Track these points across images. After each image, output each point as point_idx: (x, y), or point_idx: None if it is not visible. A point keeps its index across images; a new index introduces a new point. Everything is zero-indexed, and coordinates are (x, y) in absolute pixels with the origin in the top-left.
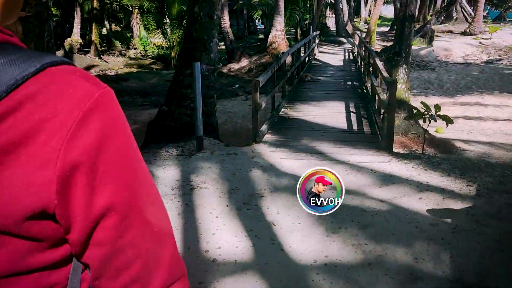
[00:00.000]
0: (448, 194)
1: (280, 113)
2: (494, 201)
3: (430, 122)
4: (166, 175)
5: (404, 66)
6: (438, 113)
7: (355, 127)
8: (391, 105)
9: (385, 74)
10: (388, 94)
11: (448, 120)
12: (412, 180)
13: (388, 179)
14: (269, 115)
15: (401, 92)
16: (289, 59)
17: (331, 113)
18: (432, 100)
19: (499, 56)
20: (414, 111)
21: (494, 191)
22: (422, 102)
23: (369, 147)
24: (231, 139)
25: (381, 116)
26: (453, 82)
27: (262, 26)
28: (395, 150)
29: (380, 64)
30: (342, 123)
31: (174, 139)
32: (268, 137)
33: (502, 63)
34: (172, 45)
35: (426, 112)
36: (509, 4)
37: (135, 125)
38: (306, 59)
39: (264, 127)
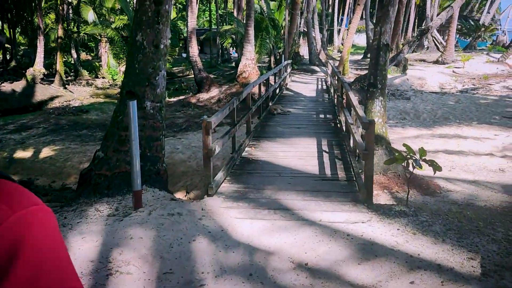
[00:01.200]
0: (447, 275)
1: (243, 153)
2: (507, 284)
3: (414, 169)
4: (82, 251)
5: (380, 98)
6: (423, 158)
7: (328, 171)
8: (368, 150)
9: (361, 112)
10: (365, 136)
11: (436, 168)
12: (399, 251)
13: (369, 250)
14: (229, 158)
15: (378, 126)
16: (262, 89)
17: (301, 152)
18: (409, 132)
19: (473, 85)
20: (396, 153)
21: (503, 268)
22: (404, 145)
23: (345, 199)
24: (193, 177)
25: (357, 157)
26: (429, 112)
27: (236, 54)
28: (374, 193)
29: (354, 100)
30: (313, 166)
31: (110, 192)
32: (225, 186)
33: (477, 92)
34: None
35: (409, 156)
36: (478, 33)
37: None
38: (277, 89)
39: (219, 176)
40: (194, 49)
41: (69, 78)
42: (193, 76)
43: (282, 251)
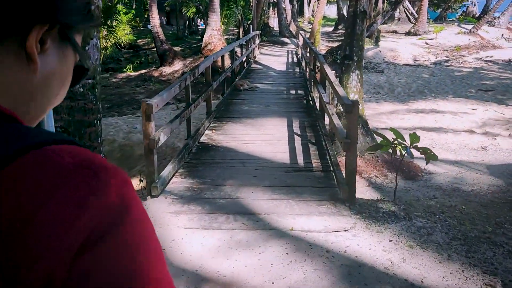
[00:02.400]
0: None
1: (202, 138)
2: None
3: (403, 157)
4: None
5: (357, 71)
6: (414, 144)
7: (300, 159)
8: (351, 139)
9: (341, 90)
10: (347, 122)
11: (430, 157)
12: (395, 277)
13: (356, 276)
14: (182, 146)
15: None
16: (227, 63)
17: (269, 136)
18: (384, 107)
19: (447, 57)
20: (381, 139)
21: None
22: (391, 129)
23: (322, 197)
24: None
25: (332, 142)
26: (404, 86)
27: (204, 26)
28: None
29: (331, 75)
30: (283, 153)
31: None
32: (175, 182)
33: (451, 65)
34: None
35: (396, 142)
36: (449, 4)
37: None
38: (245, 62)
39: (168, 170)
40: (155, 18)
41: None
42: (154, 49)
43: (241, 281)
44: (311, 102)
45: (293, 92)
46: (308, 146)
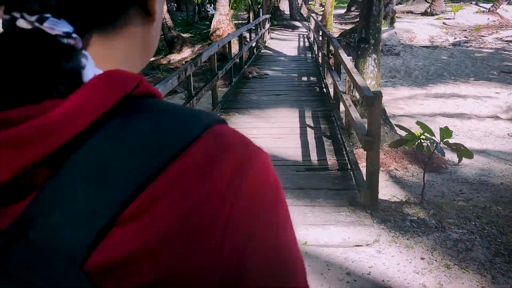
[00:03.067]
0: None
1: None
2: None
3: (431, 155)
4: None
5: (374, 56)
6: (445, 140)
7: (314, 156)
8: (373, 137)
9: (360, 80)
10: (368, 116)
11: (465, 154)
12: None
13: None
14: None
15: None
16: (235, 48)
17: (280, 129)
18: (401, 92)
19: (465, 37)
20: (406, 133)
21: None
22: (418, 122)
23: (339, 202)
24: None
25: (349, 134)
26: (421, 69)
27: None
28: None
29: (347, 61)
30: (295, 149)
31: None
32: None
33: (470, 45)
34: None
35: (424, 137)
36: None
37: None
38: (254, 48)
39: None
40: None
41: None
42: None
43: None
44: (324, 89)
45: (305, 79)
46: (322, 140)
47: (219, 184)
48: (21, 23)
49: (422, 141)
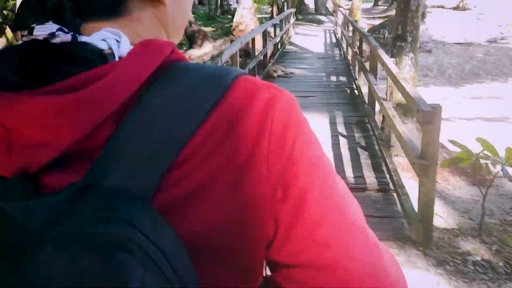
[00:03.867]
0: None
1: None
2: None
3: (494, 178)
4: None
5: (411, 54)
6: None
7: (349, 171)
8: (429, 159)
9: (411, 89)
10: (423, 135)
11: None
12: None
13: None
14: None
15: None
16: (258, 44)
17: None
18: (434, 92)
19: (501, 33)
20: (461, 150)
21: None
22: (479, 139)
23: (382, 234)
24: None
25: (389, 148)
26: (455, 67)
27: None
28: (405, 184)
29: (390, 64)
30: None
31: None
32: None
33: (507, 42)
34: None
35: (483, 156)
36: None
37: None
38: (279, 44)
39: None
40: None
41: None
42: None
43: None
44: (356, 91)
45: (333, 78)
46: (358, 152)
47: (256, 119)
48: (25, 37)
49: (481, 160)
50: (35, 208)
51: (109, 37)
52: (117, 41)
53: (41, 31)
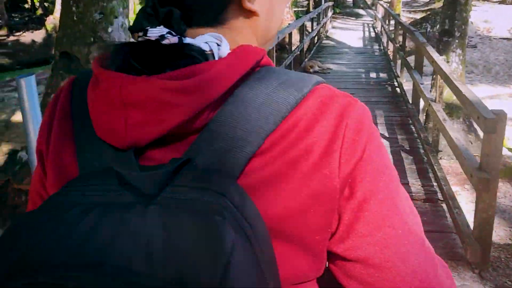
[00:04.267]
0: None
1: None
2: None
3: None
4: None
5: (458, 51)
6: None
7: None
8: (489, 172)
9: (470, 93)
10: (484, 145)
11: None
12: None
13: None
14: None
15: None
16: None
17: None
18: (480, 90)
19: None
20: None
21: None
22: None
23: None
24: None
25: (437, 153)
26: (503, 64)
27: None
28: (453, 189)
29: (441, 62)
30: None
31: None
32: None
33: None
34: None
35: None
36: None
37: None
38: (315, 38)
39: None
40: None
41: None
42: None
43: None
44: (397, 89)
45: (373, 75)
46: (401, 157)
47: (332, 122)
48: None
49: None
50: (147, 177)
51: (211, 41)
52: (218, 44)
53: (154, 33)
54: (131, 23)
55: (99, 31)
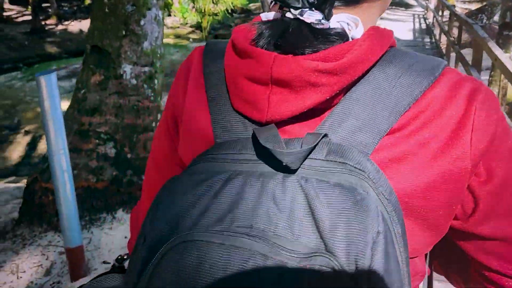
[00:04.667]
0: None
1: None
2: None
3: None
4: None
5: None
6: None
7: None
8: None
9: None
10: None
11: None
12: None
13: None
14: None
15: None
16: None
17: None
18: None
19: None
20: None
21: None
22: None
23: None
24: None
25: None
26: None
27: None
28: None
29: (507, 60)
30: None
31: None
32: None
33: None
34: (203, 11)
35: None
36: None
37: None
38: None
39: None
40: None
41: None
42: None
43: None
44: None
45: None
46: None
47: (461, 104)
48: (288, 15)
49: None
50: (293, 154)
51: (344, 21)
52: (349, 24)
53: (311, 16)
54: (165, 15)
55: (131, 24)
